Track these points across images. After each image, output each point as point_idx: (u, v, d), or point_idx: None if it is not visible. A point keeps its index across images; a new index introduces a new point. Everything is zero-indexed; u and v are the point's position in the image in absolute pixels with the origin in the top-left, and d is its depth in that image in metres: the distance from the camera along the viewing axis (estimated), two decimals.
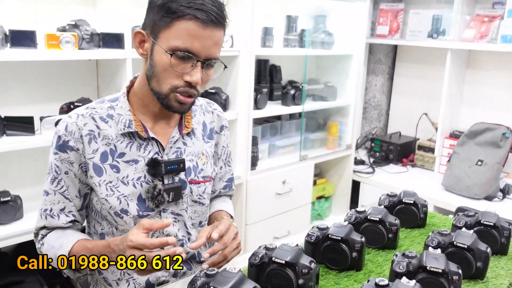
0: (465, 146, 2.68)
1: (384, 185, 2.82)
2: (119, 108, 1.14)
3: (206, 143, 1.26)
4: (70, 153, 1.10)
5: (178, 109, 1.09)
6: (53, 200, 1.13)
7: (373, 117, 3.50)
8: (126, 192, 1.12)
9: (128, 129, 1.12)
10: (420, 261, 0.99)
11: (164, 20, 1.01)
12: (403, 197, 1.38)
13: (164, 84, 1.05)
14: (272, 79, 2.64)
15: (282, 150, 2.68)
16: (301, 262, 1.00)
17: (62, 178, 1.12)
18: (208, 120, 1.28)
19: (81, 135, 1.10)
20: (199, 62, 1.03)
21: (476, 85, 2.94)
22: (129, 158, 1.13)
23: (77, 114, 1.12)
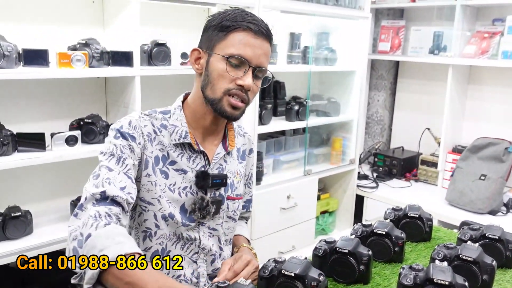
0: (468, 160, 2.70)
1: (388, 199, 2.83)
2: (174, 120, 1.20)
3: (240, 163, 1.34)
4: (133, 143, 1.12)
5: (231, 114, 1.14)
6: (115, 177, 1.05)
7: (376, 132, 3.53)
8: (171, 199, 1.17)
9: (184, 139, 1.18)
10: (427, 274, 1.01)
11: (220, 34, 1.13)
12: (408, 211, 1.40)
13: (218, 89, 1.13)
14: (276, 95, 2.68)
15: (286, 165, 2.71)
16: (310, 275, 1.02)
17: (127, 158, 1.10)
18: (240, 143, 1.36)
19: (142, 132, 1.15)
20: (251, 68, 1.12)
21: (478, 100, 2.97)
22: (179, 167, 1.19)
23: (139, 115, 1.18)
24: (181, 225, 1.18)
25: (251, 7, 2.19)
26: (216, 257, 1.26)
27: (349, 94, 2.95)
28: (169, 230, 1.19)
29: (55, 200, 2.03)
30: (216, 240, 1.27)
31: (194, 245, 1.22)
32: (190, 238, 1.21)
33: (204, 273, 1.24)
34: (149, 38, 2.00)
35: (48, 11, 1.90)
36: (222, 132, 1.27)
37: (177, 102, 1.24)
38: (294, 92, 2.85)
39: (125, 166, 1.09)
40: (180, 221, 1.18)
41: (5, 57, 1.59)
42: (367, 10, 2.83)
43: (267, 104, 2.50)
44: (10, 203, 1.79)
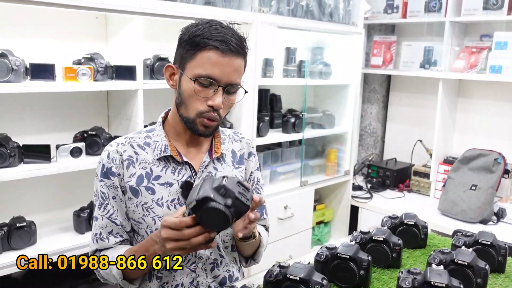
0: (459, 171, 2.78)
1: (382, 210, 2.89)
2: (156, 136, 1.24)
3: (236, 169, 1.33)
4: (113, 178, 1.19)
5: (203, 132, 1.18)
6: (101, 225, 1.22)
7: (369, 144, 3.61)
8: (160, 213, 1.19)
9: (164, 153, 1.20)
10: (424, 277, 1.07)
11: (190, 52, 1.13)
12: (404, 219, 1.46)
13: (190, 110, 1.15)
14: (273, 108, 2.75)
15: (283, 176, 2.76)
16: (314, 279, 1.07)
17: (109, 203, 1.20)
18: (237, 148, 1.36)
19: (121, 160, 1.20)
20: (220, 88, 1.13)
21: (468, 113, 3.07)
22: (164, 181, 1.20)
23: (117, 142, 1.23)
24: None
25: (250, 23, 2.26)
26: (216, 264, 1.26)
27: (343, 107, 3.03)
28: None
29: (59, 211, 2.06)
30: (214, 248, 1.26)
31: (191, 255, 1.22)
32: None
33: (203, 281, 1.24)
34: (151, 53, 2.06)
35: (52, 27, 1.95)
36: (208, 141, 1.28)
37: (159, 118, 1.28)
38: (289, 105, 2.92)
39: (107, 211, 1.21)
40: None
41: (13, 71, 1.64)
42: (360, 26, 2.92)
43: (265, 117, 2.57)
44: (15, 213, 1.82)
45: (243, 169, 1.36)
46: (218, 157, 1.28)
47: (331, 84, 2.98)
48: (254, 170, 1.40)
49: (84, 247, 1.83)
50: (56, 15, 1.94)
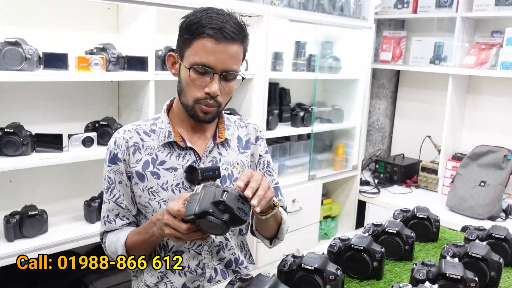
0: (468, 167, 2.77)
1: (389, 205, 2.89)
2: (160, 123, 1.26)
3: (241, 154, 1.34)
4: (119, 164, 1.23)
5: (203, 118, 1.20)
6: (108, 208, 1.26)
7: (376, 140, 3.60)
8: (165, 197, 1.22)
9: (168, 139, 1.23)
10: (439, 269, 1.07)
11: (187, 41, 1.14)
12: (416, 212, 1.46)
13: (189, 97, 1.17)
14: (282, 102, 2.74)
15: (291, 170, 2.76)
16: (328, 269, 1.07)
17: (116, 187, 1.24)
18: (243, 134, 1.37)
19: (127, 147, 1.23)
20: (216, 75, 1.14)
21: (477, 109, 3.05)
22: (169, 166, 1.23)
23: (124, 129, 1.26)
24: None
25: (261, 15, 2.26)
26: (221, 247, 1.28)
27: (352, 101, 3.03)
28: None
29: (70, 200, 2.08)
30: None
31: None
32: None
33: (209, 264, 1.26)
34: (163, 44, 2.06)
35: (64, 17, 1.96)
36: (213, 127, 1.30)
37: (164, 106, 1.31)
38: (298, 99, 2.92)
39: (114, 195, 1.25)
40: None
41: (26, 60, 1.64)
42: (370, 20, 2.91)
43: (274, 110, 2.56)
44: (27, 202, 1.84)
45: (249, 154, 1.36)
46: (223, 142, 1.29)
47: (340, 79, 2.97)
48: (263, 153, 1.40)
49: (94, 236, 1.84)
50: (68, 5, 1.94)
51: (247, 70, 2.32)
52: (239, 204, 0.98)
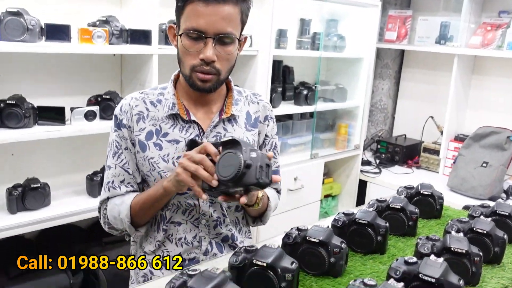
0: (470, 148, 2.77)
1: (390, 185, 2.90)
2: (167, 93, 1.24)
3: (248, 131, 1.30)
4: (123, 130, 1.21)
5: (202, 87, 1.15)
6: (114, 173, 1.23)
7: (379, 120, 3.58)
8: (165, 168, 1.20)
9: (171, 111, 1.21)
10: (444, 243, 1.07)
11: (179, 8, 1.12)
12: (420, 189, 1.46)
13: (186, 66, 1.14)
14: (285, 80, 2.72)
15: (293, 149, 2.76)
16: (333, 242, 1.07)
17: (123, 152, 1.22)
18: (252, 110, 1.32)
19: (131, 114, 1.21)
20: (209, 39, 1.09)
21: (481, 90, 3.03)
22: (171, 138, 1.21)
23: (132, 97, 1.24)
24: (177, 194, 1.21)
25: None
26: (219, 222, 1.27)
27: (356, 81, 3.00)
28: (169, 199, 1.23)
29: (72, 174, 2.07)
30: (218, 207, 1.26)
31: (195, 211, 1.24)
32: (189, 205, 1.23)
33: (206, 237, 1.26)
34: (166, 18, 2.03)
35: None
36: (220, 101, 1.26)
37: (172, 76, 1.27)
38: (301, 77, 2.89)
39: (121, 160, 1.22)
40: None
41: (28, 31, 1.62)
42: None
43: (277, 88, 2.54)
44: (29, 175, 1.83)
45: (256, 133, 1.33)
46: (229, 118, 1.25)
47: (345, 57, 2.94)
48: (270, 134, 1.37)
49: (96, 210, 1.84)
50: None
51: (251, 47, 2.29)
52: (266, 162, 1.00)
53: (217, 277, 0.84)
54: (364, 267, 1.14)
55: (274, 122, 1.39)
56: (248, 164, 0.96)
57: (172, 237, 1.25)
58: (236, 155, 0.97)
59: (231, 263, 0.99)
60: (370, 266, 1.14)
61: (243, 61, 2.37)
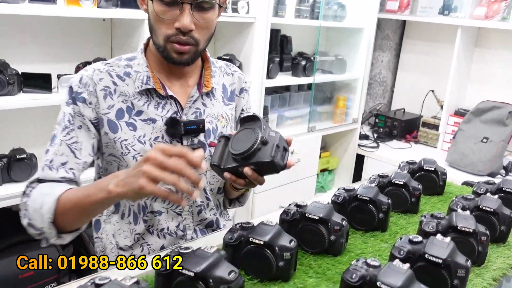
0: (471, 123, 2.71)
1: (388, 159, 2.85)
2: (137, 65, 1.10)
3: (226, 106, 1.21)
4: (81, 105, 1.04)
5: (178, 60, 1.03)
6: (57, 151, 1.02)
7: (377, 93, 3.51)
8: (142, 151, 1.08)
9: (146, 85, 1.07)
10: (449, 222, 1.01)
11: None
12: (423, 164, 1.40)
13: (159, 36, 1.02)
14: (283, 50, 2.62)
15: (290, 121, 2.69)
16: (334, 219, 1.02)
17: (74, 130, 1.04)
18: (228, 82, 1.23)
19: (95, 89, 1.05)
20: (186, 5, 0.97)
21: (484, 64, 2.95)
22: (146, 117, 1.08)
23: (94, 68, 1.08)
24: None
25: None
26: (203, 207, 1.19)
27: (355, 52, 2.91)
28: None
29: None
30: (201, 191, 1.18)
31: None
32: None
33: (190, 225, 1.18)
34: None
35: None
36: (196, 73, 1.15)
37: (140, 45, 1.13)
38: (299, 47, 2.80)
39: (70, 138, 1.03)
40: None
41: None
42: None
43: (275, 58, 2.45)
44: (14, 145, 1.75)
45: (233, 107, 1.24)
46: (208, 92, 1.15)
47: (345, 27, 2.84)
48: (246, 108, 1.28)
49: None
50: None
51: (248, 14, 2.19)
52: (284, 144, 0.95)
53: (210, 256, 0.79)
54: (365, 245, 1.09)
55: (248, 95, 1.29)
56: (265, 141, 0.90)
57: (153, 228, 1.14)
58: (254, 131, 0.91)
59: (226, 240, 0.93)
60: (371, 244, 1.09)
61: (239, 29, 2.26)
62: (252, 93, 2.29)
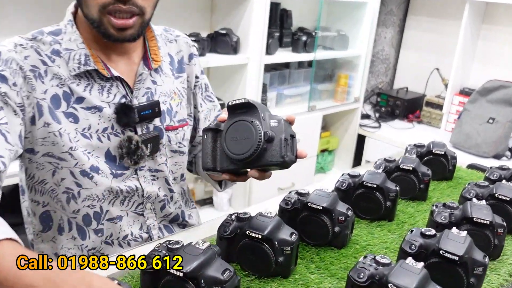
0: (476, 103, 2.61)
1: (390, 140, 2.77)
2: (67, 42, 0.89)
3: (176, 79, 1.05)
4: (4, 86, 0.81)
5: (120, 37, 0.86)
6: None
7: (380, 71, 3.39)
8: (89, 147, 0.91)
9: (86, 67, 0.88)
10: (464, 212, 0.93)
11: None
12: (433, 148, 1.31)
13: (92, 6, 0.83)
14: (283, 25, 2.50)
15: (289, 100, 2.59)
16: (338, 209, 0.94)
17: (3, 109, 0.81)
18: (173, 51, 1.05)
19: (21, 67, 0.84)
20: None
21: (491, 41, 2.84)
22: (89, 104, 0.90)
23: (15, 43, 0.86)
24: (112, 178, 0.94)
25: None
26: (166, 201, 1.06)
27: (358, 28, 2.79)
28: (100, 189, 0.93)
29: None
30: (163, 182, 1.03)
31: (137, 196, 0.99)
32: (129, 190, 0.97)
33: (154, 224, 1.05)
34: None
35: None
36: (140, 46, 0.98)
37: (67, 14, 0.91)
38: (300, 23, 2.67)
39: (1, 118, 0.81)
40: (109, 173, 0.93)
41: None
42: None
43: (274, 33, 2.33)
44: None
45: (185, 79, 1.08)
46: (156, 67, 0.99)
47: (348, 1, 2.71)
48: (199, 74, 1.11)
49: None
50: None
51: None
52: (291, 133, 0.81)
53: (202, 253, 0.71)
54: (371, 236, 1.01)
55: (199, 59, 1.12)
56: (271, 137, 0.73)
57: (112, 238, 0.99)
58: (253, 125, 0.73)
59: (220, 233, 0.85)
60: (377, 235, 1.01)
61: (237, 2, 2.14)
62: (250, 70, 2.19)
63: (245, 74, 2.19)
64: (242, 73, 2.19)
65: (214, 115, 1.17)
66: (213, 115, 1.17)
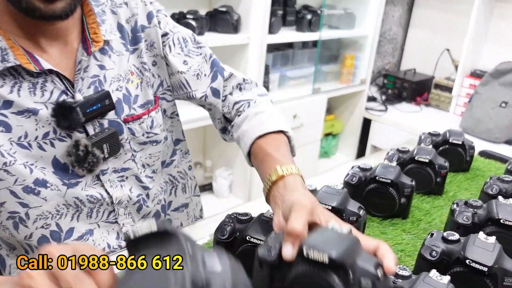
0: (488, 86, 2.50)
1: (397, 124, 2.66)
2: None
3: (132, 54, 0.86)
4: None
5: (48, 11, 0.67)
6: None
7: (387, 52, 3.26)
8: (30, 158, 0.76)
9: (3, 63, 0.70)
10: (489, 212, 0.84)
11: None
12: (449, 137, 1.21)
13: None
14: (286, 2, 2.37)
15: (293, 82, 2.48)
16: (349, 209, 0.84)
17: None
18: (123, 18, 0.85)
19: None
20: None
21: (505, 20, 2.70)
22: (20, 108, 0.73)
23: None
24: (67, 189, 0.79)
25: None
26: (142, 201, 0.91)
27: (365, 5, 2.65)
28: (51, 204, 0.79)
29: None
30: (134, 181, 0.89)
31: (106, 204, 0.85)
32: (92, 200, 0.83)
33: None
34: None
35: None
36: (77, 26, 0.79)
37: None
38: (304, 0, 2.54)
39: None
40: (61, 184, 0.79)
41: None
42: None
43: (277, 11, 2.21)
44: None
45: (142, 50, 0.87)
46: (101, 47, 0.81)
47: None
48: (169, 29, 0.90)
49: None
50: None
51: None
52: None
53: None
54: (384, 236, 0.92)
55: (162, 14, 0.90)
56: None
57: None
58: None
59: (217, 237, 0.76)
60: (391, 235, 0.92)
61: None
62: (252, 51, 2.07)
63: (246, 54, 2.07)
64: (243, 54, 2.07)
65: (208, 66, 0.95)
66: (206, 67, 0.95)
